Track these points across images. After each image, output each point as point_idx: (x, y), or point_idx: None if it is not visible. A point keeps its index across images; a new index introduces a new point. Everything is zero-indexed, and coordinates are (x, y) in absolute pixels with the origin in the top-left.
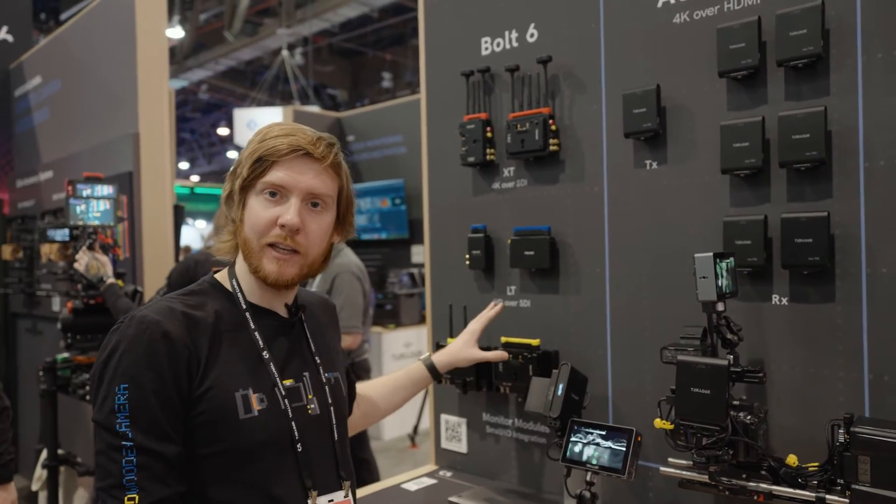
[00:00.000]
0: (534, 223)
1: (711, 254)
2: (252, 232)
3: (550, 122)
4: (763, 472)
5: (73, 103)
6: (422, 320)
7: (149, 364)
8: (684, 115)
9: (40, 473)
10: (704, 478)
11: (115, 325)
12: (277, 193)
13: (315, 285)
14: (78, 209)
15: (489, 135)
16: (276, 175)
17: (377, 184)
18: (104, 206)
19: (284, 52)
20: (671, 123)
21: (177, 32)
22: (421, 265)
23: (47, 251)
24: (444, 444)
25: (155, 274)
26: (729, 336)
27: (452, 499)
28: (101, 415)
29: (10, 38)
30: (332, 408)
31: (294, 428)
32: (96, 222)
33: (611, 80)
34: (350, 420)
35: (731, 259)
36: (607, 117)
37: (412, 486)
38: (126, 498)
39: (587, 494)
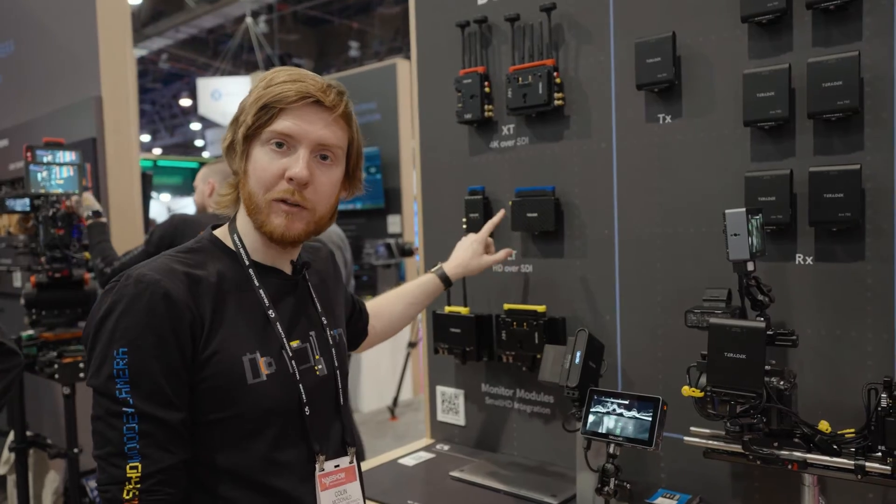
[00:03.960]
0: (536, 183)
1: (744, 209)
2: (258, 185)
3: (555, 74)
4: (796, 440)
5: (27, 66)
6: None
7: (149, 326)
8: (702, 65)
9: (7, 457)
10: (732, 447)
11: (110, 284)
12: (284, 144)
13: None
14: (39, 176)
15: (487, 90)
16: (283, 124)
17: None
18: (67, 172)
19: (248, 20)
20: (687, 74)
21: None
22: (398, 235)
23: (6, 223)
24: (441, 417)
25: (123, 248)
26: (760, 297)
27: (454, 473)
28: (99, 380)
29: None
30: (338, 370)
31: (302, 391)
32: (59, 190)
33: (620, 29)
34: (369, 338)
35: (760, 216)
36: (616, 68)
37: (410, 461)
38: (128, 466)
39: (611, 468)
